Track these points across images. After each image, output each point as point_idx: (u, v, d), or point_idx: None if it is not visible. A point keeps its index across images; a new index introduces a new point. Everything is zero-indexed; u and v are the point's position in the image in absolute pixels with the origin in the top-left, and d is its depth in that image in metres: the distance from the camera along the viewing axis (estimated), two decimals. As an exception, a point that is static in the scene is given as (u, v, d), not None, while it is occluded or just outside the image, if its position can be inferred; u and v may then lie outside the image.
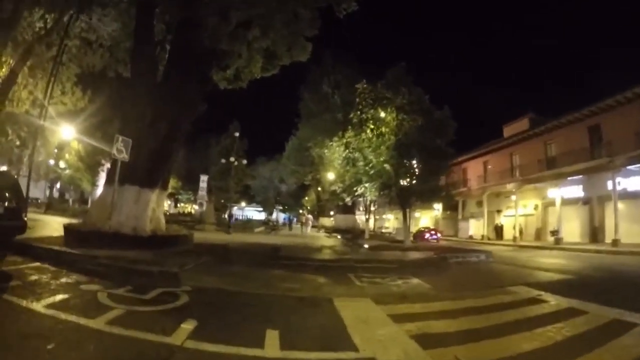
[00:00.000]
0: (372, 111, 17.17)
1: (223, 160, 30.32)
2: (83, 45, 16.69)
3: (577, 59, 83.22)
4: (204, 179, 33.99)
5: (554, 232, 24.46)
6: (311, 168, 43.71)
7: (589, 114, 24.36)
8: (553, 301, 6.32)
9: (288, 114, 71.30)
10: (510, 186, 30.57)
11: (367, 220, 31.48)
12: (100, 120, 24.13)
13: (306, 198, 69.88)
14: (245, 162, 35.48)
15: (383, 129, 16.72)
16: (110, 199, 9.99)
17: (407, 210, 18.40)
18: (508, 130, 34.39)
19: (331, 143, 23.66)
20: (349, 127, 19.10)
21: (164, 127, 10.88)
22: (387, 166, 17.13)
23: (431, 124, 16.97)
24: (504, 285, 8.19)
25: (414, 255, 13.69)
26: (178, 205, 71.46)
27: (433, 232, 30.28)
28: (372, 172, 17.48)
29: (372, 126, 17.08)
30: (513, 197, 30.10)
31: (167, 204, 63.02)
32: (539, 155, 28.87)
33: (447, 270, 11.11)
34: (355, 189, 19.70)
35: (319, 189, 50.54)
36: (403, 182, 17.52)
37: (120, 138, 9.92)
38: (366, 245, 17.19)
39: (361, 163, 17.73)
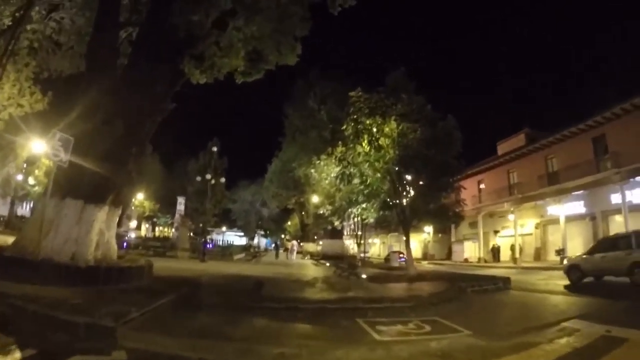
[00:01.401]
0: (368, 121, 15.26)
1: (198, 178, 27.71)
2: (51, 46, 14.85)
3: (569, 69, 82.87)
4: (181, 201, 31.75)
5: (560, 251, 22.72)
6: (295, 191, 41.91)
7: (594, 124, 23.09)
8: (633, 337, 5.24)
9: (271, 139, 69.57)
10: (507, 205, 29.07)
11: (359, 245, 29.19)
12: (74, 134, 21.96)
13: (289, 223, 67.84)
14: (223, 180, 32.87)
15: (381, 141, 14.81)
16: (46, 217, 7.67)
17: (409, 232, 16.26)
18: (503, 148, 32.94)
19: (319, 161, 21.70)
20: (339, 142, 17.15)
21: (121, 126, 8.51)
22: (384, 184, 15.25)
23: (435, 135, 15.17)
24: (553, 320, 6.75)
25: (425, 287, 11.58)
26: (156, 229, 68.38)
27: (401, 255, 29.96)
28: (367, 190, 15.54)
29: (368, 138, 15.17)
30: (510, 217, 28.61)
31: (144, 228, 60.35)
32: (539, 171, 27.36)
33: (472, 305, 9.71)
34: (350, 210, 17.61)
35: (303, 212, 48.68)
36: (405, 201, 15.52)
37: (58, 134, 7.59)
38: (364, 276, 14.84)
39: (357, 180, 15.72)
